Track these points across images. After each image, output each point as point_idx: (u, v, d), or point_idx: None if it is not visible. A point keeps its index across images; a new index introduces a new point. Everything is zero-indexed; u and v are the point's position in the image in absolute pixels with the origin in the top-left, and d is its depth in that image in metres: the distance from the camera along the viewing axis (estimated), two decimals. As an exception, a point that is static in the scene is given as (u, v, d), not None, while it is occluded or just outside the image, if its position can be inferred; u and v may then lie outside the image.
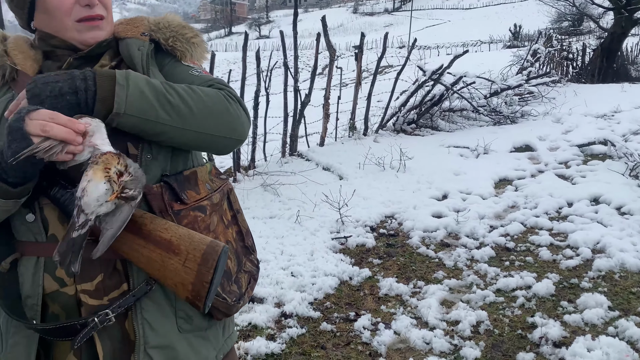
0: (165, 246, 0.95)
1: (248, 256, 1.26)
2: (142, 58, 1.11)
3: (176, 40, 1.18)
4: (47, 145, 0.85)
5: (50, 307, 1.04)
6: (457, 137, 7.30)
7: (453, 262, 3.67)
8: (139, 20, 1.21)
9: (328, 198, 4.50)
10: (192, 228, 1.04)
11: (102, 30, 1.11)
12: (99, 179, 0.86)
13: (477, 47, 37.64)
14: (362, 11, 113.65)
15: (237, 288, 1.15)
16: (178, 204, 1.05)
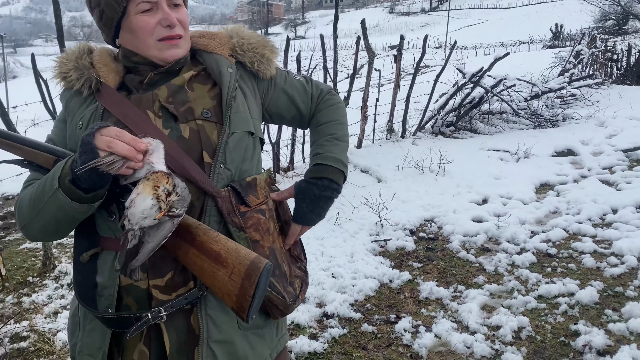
0: (214, 258, 1.01)
1: (295, 264, 1.33)
2: (231, 79, 1.21)
3: (260, 64, 1.28)
4: (110, 160, 0.94)
5: (125, 299, 1.12)
6: (497, 141, 7.23)
7: (494, 267, 3.66)
8: (222, 37, 1.30)
9: (367, 201, 4.55)
10: (256, 229, 1.14)
11: (180, 49, 1.19)
12: (146, 194, 0.93)
13: (516, 48, 36.89)
14: (399, 11, 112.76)
15: (292, 289, 1.23)
16: (243, 206, 1.14)
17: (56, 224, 1.08)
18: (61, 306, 3.21)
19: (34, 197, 1.08)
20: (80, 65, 1.20)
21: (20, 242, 4.52)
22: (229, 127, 1.16)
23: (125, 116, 1.12)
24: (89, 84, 1.19)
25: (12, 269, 3.82)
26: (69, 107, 1.21)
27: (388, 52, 42.26)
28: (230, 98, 1.18)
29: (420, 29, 77.94)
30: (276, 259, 1.19)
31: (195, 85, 1.20)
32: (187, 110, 1.15)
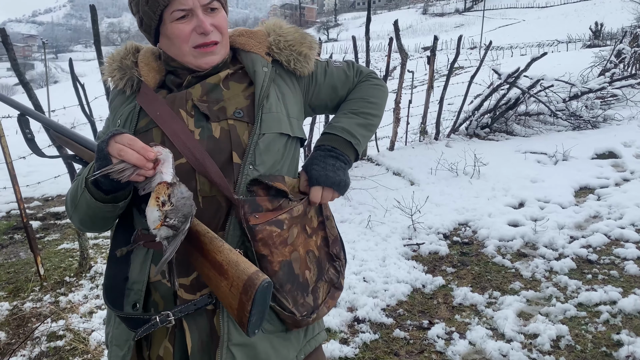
0: (217, 268, 1.00)
1: (332, 262, 1.27)
2: (265, 79, 1.20)
3: (297, 62, 1.26)
4: (121, 167, 0.96)
5: (153, 295, 1.14)
6: (534, 143, 7.04)
7: (530, 273, 3.55)
8: (260, 35, 1.28)
9: (400, 204, 4.48)
10: (265, 244, 1.08)
11: (216, 55, 1.18)
12: (152, 206, 0.96)
13: (554, 47, 36.01)
14: (432, 12, 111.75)
15: (312, 300, 1.17)
16: (255, 217, 1.09)
17: (91, 219, 1.13)
18: (96, 306, 3.27)
19: (72, 192, 1.14)
20: (123, 65, 1.23)
21: (59, 242, 4.64)
22: (259, 127, 1.14)
23: (157, 115, 1.13)
24: (131, 83, 1.22)
25: (50, 268, 3.91)
26: (113, 105, 1.26)
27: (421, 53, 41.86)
28: (262, 98, 1.17)
29: (454, 29, 77.02)
30: (291, 270, 1.13)
31: (231, 83, 1.20)
32: (220, 109, 1.15)
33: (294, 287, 1.13)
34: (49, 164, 6.99)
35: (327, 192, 1.20)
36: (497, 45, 37.18)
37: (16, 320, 3.11)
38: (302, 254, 1.17)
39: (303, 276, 1.16)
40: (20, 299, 3.40)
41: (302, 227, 1.18)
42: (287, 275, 1.12)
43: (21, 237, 4.78)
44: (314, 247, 1.22)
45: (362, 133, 1.27)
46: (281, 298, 1.11)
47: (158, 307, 1.14)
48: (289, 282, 1.12)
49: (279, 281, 1.10)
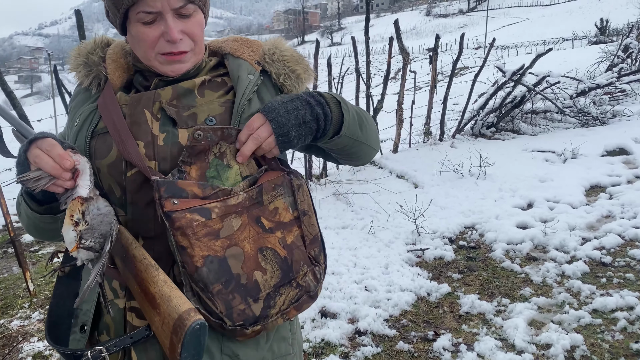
0: (151, 300, 0.89)
1: (310, 266, 1.08)
2: (248, 86, 1.07)
3: (287, 78, 1.12)
4: (36, 176, 0.87)
5: (104, 317, 1.04)
6: (541, 141, 6.86)
7: (541, 278, 3.38)
8: (255, 45, 1.16)
9: (403, 208, 4.32)
10: (184, 234, 0.92)
11: (184, 63, 1.05)
12: (67, 225, 0.86)
13: (559, 45, 35.72)
14: (435, 13, 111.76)
15: (260, 308, 0.98)
16: (173, 203, 0.93)
17: (35, 229, 1.06)
18: (86, 323, 3.13)
19: (17, 199, 1.08)
20: (89, 61, 1.11)
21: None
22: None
23: (110, 120, 1.01)
24: (97, 81, 1.10)
25: (41, 283, 3.79)
26: (74, 103, 1.14)
27: (425, 54, 41.69)
28: (242, 106, 1.04)
29: (458, 30, 76.85)
30: (224, 268, 0.94)
31: (207, 91, 1.07)
32: (191, 115, 1.02)
33: (228, 288, 0.95)
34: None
35: (263, 128, 0.98)
36: (501, 45, 36.95)
37: (2, 340, 2.98)
38: (248, 250, 0.98)
39: (248, 277, 0.97)
40: (8, 316, 3.27)
41: (251, 219, 1.00)
42: (216, 273, 0.94)
43: (13, 252, 4.66)
44: (276, 244, 1.02)
45: (352, 112, 1.10)
46: (206, 299, 0.93)
47: (109, 331, 1.03)
48: (217, 282, 0.93)
49: (203, 279, 0.92)
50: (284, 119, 0.98)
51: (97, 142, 1.02)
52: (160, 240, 0.98)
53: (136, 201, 0.99)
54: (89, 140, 1.02)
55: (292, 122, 0.99)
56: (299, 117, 0.99)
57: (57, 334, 1.03)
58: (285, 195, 1.05)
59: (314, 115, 1.01)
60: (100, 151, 1.01)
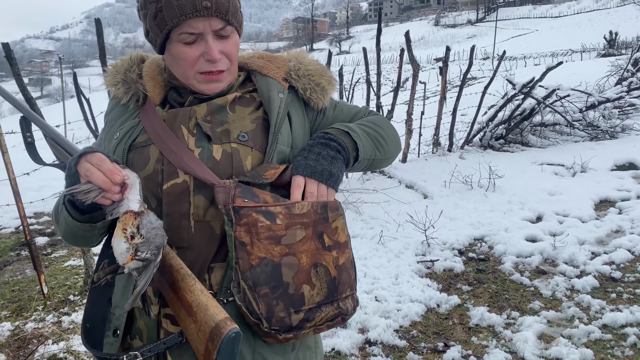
0: (187, 308, 0.93)
1: (352, 291, 1.10)
2: (281, 106, 1.12)
3: (313, 92, 1.18)
4: (86, 188, 0.91)
5: (137, 321, 1.08)
6: (550, 154, 6.87)
7: (551, 292, 3.39)
8: (280, 61, 1.20)
9: (413, 219, 4.34)
10: (248, 231, 0.96)
11: (221, 82, 1.10)
12: (119, 237, 0.90)
13: (567, 57, 35.70)
14: (444, 23, 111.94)
15: (299, 320, 1.00)
16: (244, 200, 0.98)
17: (72, 236, 1.08)
18: (99, 326, 3.17)
19: (55, 206, 1.10)
20: (128, 79, 1.16)
21: (65, 259, 4.57)
22: (272, 157, 1.07)
23: (155, 134, 1.07)
24: (136, 98, 1.14)
25: (55, 286, 3.84)
26: (110, 116, 1.19)
27: (434, 64, 41.74)
28: (278, 126, 1.09)
29: (467, 40, 76.95)
30: (276, 274, 0.97)
31: (238, 107, 1.12)
32: (224, 131, 1.07)
33: (275, 294, 0.97)
34: (61, 179, 6.97)
35: (310, 184, 1.04)
36: (510, 56, 36.93)
37: (17, 342, 3.02)
38: (303, 263, 1.00)
39: (296, 289, 0.99)
40: (22, 318, 3.31)
41: (315, 234, 1.02)
42: (268, 276, 0.96)
43: (28, 254, 4.72)
44: (330, 263, 1.04)
45: (363, 134, 1.14)
46: (251, 298, 0.96)
47: (142, 336, 1.07)
48: (266, 285, 0.96)
49: (253, 278, 0.95)
50: (319, 167, 1.05)
51: (134, 154, 1.07)
52: (193, 250, 1.03)
53: (171, 213, 1.03)
54: (126, 152, 1.07)
55: (325, 164, 1.05)
56: (327, 157, 1.06)
57: (92, 338, 1.06)
58: (343, 215, 1.09)
59: (334, 149, 1.08)
60: (138, 163, 1.06)
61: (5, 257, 4.68)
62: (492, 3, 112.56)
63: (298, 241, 1.00)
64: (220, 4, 1.02)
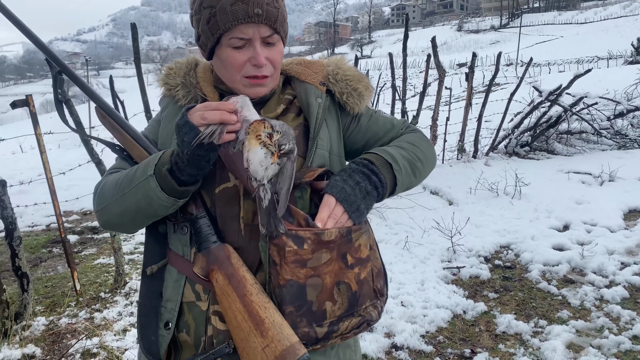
0: (256, 323, 0.95)
1: (373, 301, 1.12)
2: (319, 111, 1.16)
3: (349, 97, 1.21)
4: (210, 131, 0.95)
5: (185, 315, 1.09)
6: (577, 162, 6.79)
7: (579, 301, 3.36)
8: (318, 66, 1.24)
9: (439, 225, 4.35)
10: (278, 252, 0.99)
11: (264, 87, 1.15)
12: (254, 146, 0.94)
13: (593, 64, 35.15)
14: (467, 29, 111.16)
15: (323, 332, 1.04)
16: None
17: (135, 212, 1.07)
18: (130, 324, 3.24)
19: (121, 180, 1.08)
20: (187, 82, 1.21)
21: (95, 257, 4.67)
22: (312, 161, 1.11)
23: None
24: (195, 101, 1.19)
25: (86, 283, 3.93)
26: (166, 112, 1.23)
27: (456, 69, 41.46)
28: (317, 130, 1.14)
29: (490, 46, 76.30)
30: (301, 294, 1.01)
31: (281, 117, 1.17)
32: None
33: (299, 312, 1.01)
34: (90, 179, 7.12)
35: (337, 208, 1.05)
36: (534, 62, 36.53)
37: (52, 336, 3.11)
38: (327, 283, 1.04)
39: (319, 306, 1.03)
40: (56, 314, 3.41)
41: (339, 255, 1.05)
42: (292, 296, 1.00)
43: (59, 251, 4.84)
44: (352, 279, 1.07)
45: (405, 165, 1.14)
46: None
47: (189, 330, 1.09)
48: (291, 305, 1.00)
49: (280, 297, 1.00)
50: (352, 197, 1.05)
51: None
52: (243, 251, 1.06)
53: (223, 214, 1.08)
54: None
55: (358, 197, 1.06)
56: (362, 190, 1.06)
57: (147, 334, 1.10)
58: (366, 231, 1.11)
59: (373, 184, 1.08)
60: None
61: (38, 254, 4.81)
62: (516, 9, 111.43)
63: (323, 263, 1.03)
64: (270, 12, 1.07)
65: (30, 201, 5.50)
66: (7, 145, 13.63)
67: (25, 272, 3.14)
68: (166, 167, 1.00)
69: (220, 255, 1.03)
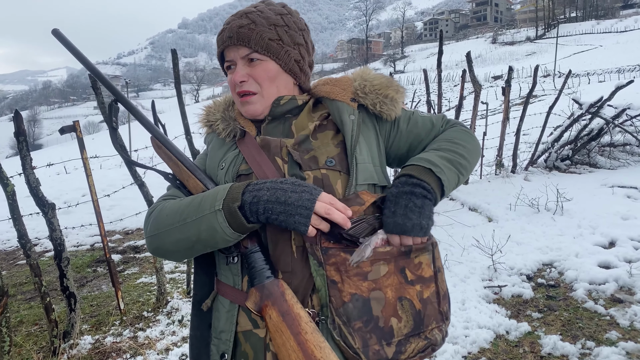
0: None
1: (439, 324, 1.12)
2: (353, 127, 1.18)
3: (383, 105, 1.23)
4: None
5: (242, 345, 1.10)
6: (622, 176, 6.57)
7: (629, 322, 3.24)
8: (345, 82, 1.28)
9: (479, 242, 4.27)
10: (337, 270, 1.02)
11: (253, 105, 1.22)
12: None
13: (635, 73, 34.13)
14: (502, 41, 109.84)
15: (392, 352, 1.04)
16: (330, 242, 1.04)
17: (194, 243, 1.08)
18: (172, 343, 3.30)
19: (182, 209, 1.10)
20: (227, 117, 1.28)
21: (137, 276, 4.78)
22: (355, 178, 1.12)
23: (256, 164, 1.15)
24: (233, 134, 1.26)
25: (129, 302, 4.02)
26: (211, 146, 1.31)
27: (491, 82, 40.96)
28: (354, 147, 1.15)
29: (526, 58, 75.12)
30: (367, 308, 1.03)
31: (319, 134, 1.19)
32: (311, 158, 1.14)
33: (367, 328, 1.02)
34: (132, 199, 7.32)
35: (405, 239, 1.08)
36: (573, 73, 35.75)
37: (98, 355, 3.19)
38: (389, 297, 1.05)
39: (386, 322, 1.04)
40: (102, 332, 3.50)
41: (397, 268, 1.07)
42: (360, 311, 1.02)
43: (104, 270, 4.98)
44: (414, 296, 1.08)
45: (446, 164, 1.15)
46: (347, 333, 1.01)
47: (248, 358, 1.09)
48: (359, 320, 1.02)
49: (347, 314, 1.01)
50: (409, 222, 1.06)
51: (241, 179, 1.15)
52: (296, 275, 1.07)
53: (274, 238, 1.09)
54: (235, 179, 1.15)
55: (414, 219, 1.06)
56: (413, 209, 1.07)
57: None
58: (429, 251, 1.12)
59: (421, 196, 1.08)
60: None
61: (84, 274, 4.96)
62: (552, 19, 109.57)
63: (382, 276, 1.05)
64: (242, 34, 1.17)
65: (75, 221, 5.71)
66: (53, 167, 14.18)
67: (73, 292, 3.25)
68: (236, 205, 1.02)
69: (275, 291, 1.03)
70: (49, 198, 3.22)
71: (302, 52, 1.25)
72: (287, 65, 1.22)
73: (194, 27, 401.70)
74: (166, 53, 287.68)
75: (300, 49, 1.24)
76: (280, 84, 1.22)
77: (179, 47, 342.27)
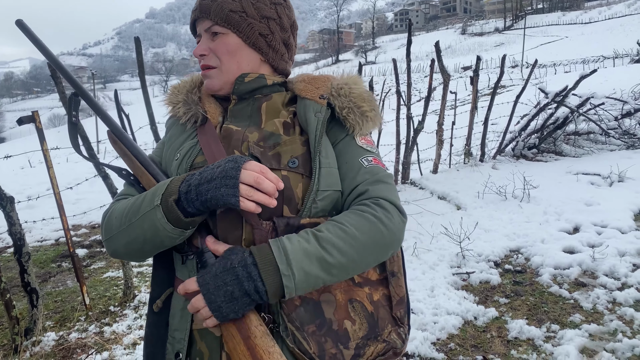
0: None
1: (395, 327, 1.08)
2: (317, 127, 1.09)
3: (350, 112, 1.13)
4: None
5: (198, 343, 1.06)
6: (586, 163, 6.74)
7: (591, 305, 3.32)
8: (321, 81, 1.20)
9: (447, 230, 4.32)
10: None
11: (212, 79, 1.18)
12: None
13: (599, 63, 35.02)
14: (471, 32, 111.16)
15: (351, 355, 1.01)
16: None
17: (142, 243, 1.03)
18: (139, 337, 3.24)
19: (127, 210, 1.04)
20: (189, 100, 1.21)
21: (104, 270, 4.68)
22: (317, 183, 1.04)
23: (212, 158, 1.08)
24: (194, 119, 1.18)
25: (95, 297, 3.93)
26: (170, 133, 1.24)
27: (461, 73, 41.44)
28: (317, 148, 1.06)
29: (494, 48, 76.22)
30: (318, 312, 1.00)
31: (291, 130, 1.12)
32: (275, 155, 1.07)
33: (322, 331, 1.00)
34: (98, 192, 7.16)
35: (198, 299, 0.95)
36: (539, 63, 36.46)
37: (62, 351, 3.11)
38: (340, 299, 1.03)
39: (339, 325, 1.01)
40: (66, 328, 3.41)
41: None
42: (311, 315, 0.99)
43: (68, 265, 4.85)
44: (364, 299, 1.06)
45: (304, 268, 0.94)
46: (301, 338, 0.97)
47: (203, 357, 1.05)
48: (312, 323, 0.99)
49: (299, 318, 0.98)
50: (214, 296, 0.93)
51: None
52: None
53: (225, 237, 1.03)
54: (187, 172, 1.08)
55: (220, 298, 0.93)
56: (227, 293, 0.93)
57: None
58: None
59: (243, 291, 0.92)
60: None
61: (47, 269, 4.83)
62: (519, 10, 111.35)
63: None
64: (203, 6, 1.15)
65: (40, 215, 5.55)
66: (16, 161, 13.76)
67: (35, 288, 3.15)
68: (173, 198, 0.97)
69: None
70: (12, 192, 3.11)
71: (272, 27, 1.17)
72: (250, 39, 1.15)
73: (162, 17, 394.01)
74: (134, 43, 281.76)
75: (269, 23, 1.17)
76: (241, 59, 1.16)
77: (146, 37, 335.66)
